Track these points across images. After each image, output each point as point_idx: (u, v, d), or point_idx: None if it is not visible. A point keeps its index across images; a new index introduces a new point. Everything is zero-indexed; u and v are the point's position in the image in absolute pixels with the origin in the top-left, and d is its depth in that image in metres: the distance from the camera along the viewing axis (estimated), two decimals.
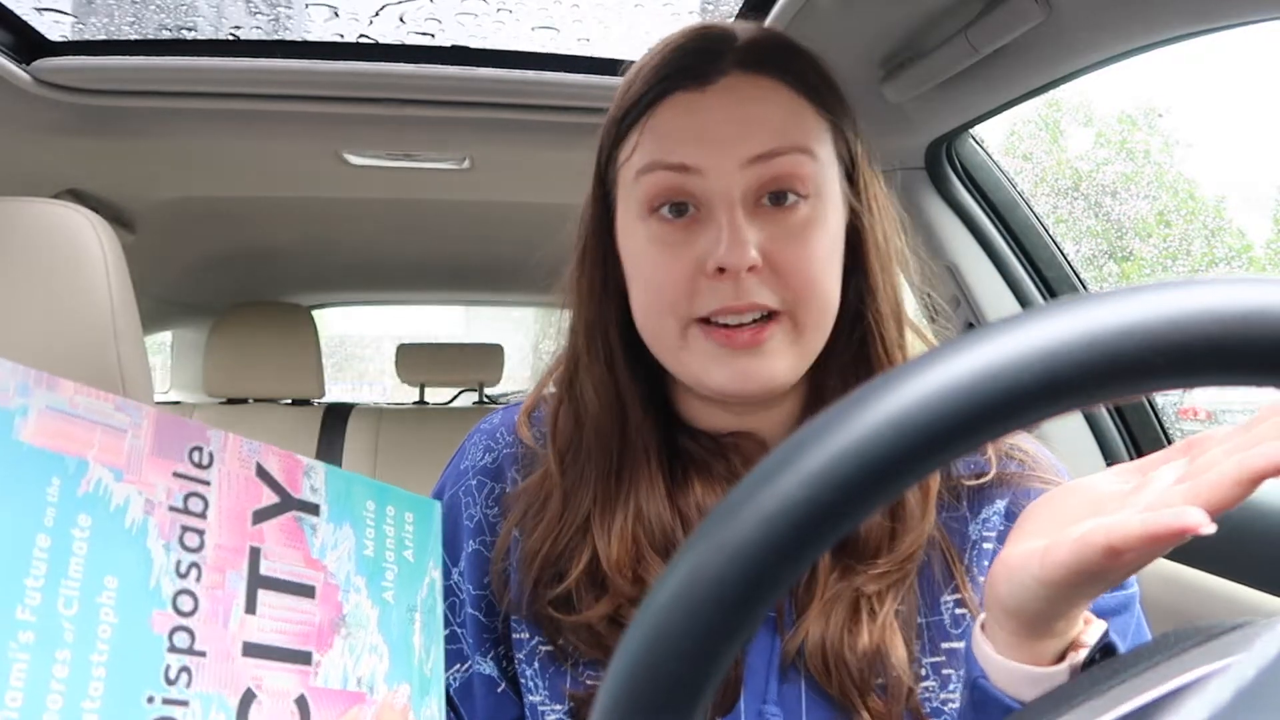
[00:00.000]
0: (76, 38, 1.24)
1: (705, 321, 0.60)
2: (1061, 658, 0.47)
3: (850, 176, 0.65)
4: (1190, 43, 0.86)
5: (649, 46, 0.66)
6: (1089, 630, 0.48)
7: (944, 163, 1.35)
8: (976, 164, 1.37)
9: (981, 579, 0.62)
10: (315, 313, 2.83)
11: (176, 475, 0.46)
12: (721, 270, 0.57)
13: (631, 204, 0.63)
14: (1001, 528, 0.64)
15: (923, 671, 0.61)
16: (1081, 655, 0.46)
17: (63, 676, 0.39)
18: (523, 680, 0.66)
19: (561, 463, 0.67)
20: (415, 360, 2.82)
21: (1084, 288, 1.40)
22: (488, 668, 0.68)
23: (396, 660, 0.52)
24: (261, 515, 0.49)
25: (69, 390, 0.44)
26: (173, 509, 0.45)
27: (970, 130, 1.29)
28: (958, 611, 0.62)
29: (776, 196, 0.59)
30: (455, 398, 3.19)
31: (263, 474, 0.50)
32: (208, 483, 0.47)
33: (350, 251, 2.47)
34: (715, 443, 0.67)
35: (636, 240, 0.62)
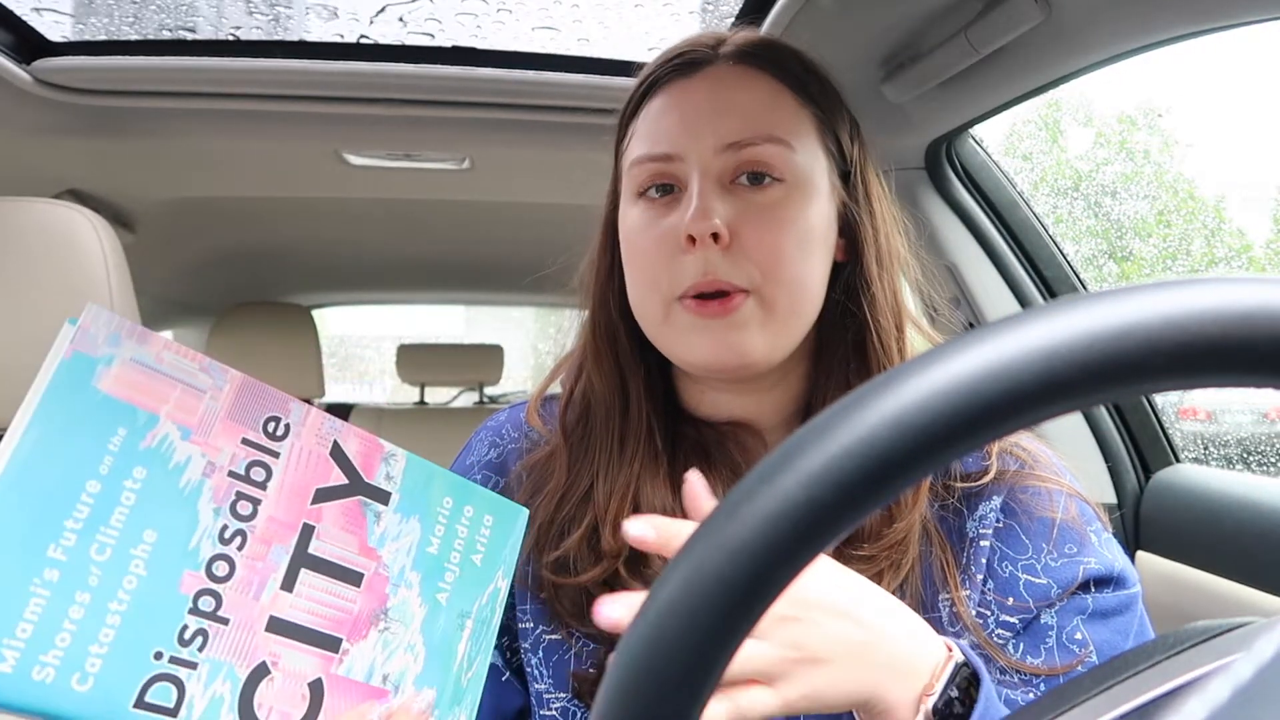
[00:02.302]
0: (76, 38, 1.24)
1: (684, 300, 0.63)
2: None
3: (846, 176, 0.68)
4: (1190, 43, 0.86)
5: (648, 47, 0.68)
6: (946, 669, 0.50)
7: (944, 163, 1.35)
8: (976, 164, 1.37)
9: (979, 576, 0.62)
10: (315, 313, 2.83)
11: (245, 442, 0.46)
12: (692, 240, 0.61)
13: (628, 191, 0.68)
14: (997, 524, 0.64)
15: None
16: (930, 704, 0.49)
17: (77, 618, 0.39)
18: (528, 669, 0.68)
19: (568, 437, 0.70)
20: (416, 360, 2.83)
21: (1084, 287, 1.40)
22: (492, 657, 0.69)
23: (432, 664, 0.50)
24: (324, 495, 0.48)
25: (158, 345, 0.44)
26: (232, 474, 0.45)
27: (970, 130, 1.29)
28: (955, 610, 0.62)
29: (754, 177, 0.63)
30: (455, 398, 3.19)
31: (337, 454, 0.49)
32: (277, 454, 0.46)
33: (350, 251, 2.47)
34: (714, 430, 0.69)
35: (629, 222, 0.67)
